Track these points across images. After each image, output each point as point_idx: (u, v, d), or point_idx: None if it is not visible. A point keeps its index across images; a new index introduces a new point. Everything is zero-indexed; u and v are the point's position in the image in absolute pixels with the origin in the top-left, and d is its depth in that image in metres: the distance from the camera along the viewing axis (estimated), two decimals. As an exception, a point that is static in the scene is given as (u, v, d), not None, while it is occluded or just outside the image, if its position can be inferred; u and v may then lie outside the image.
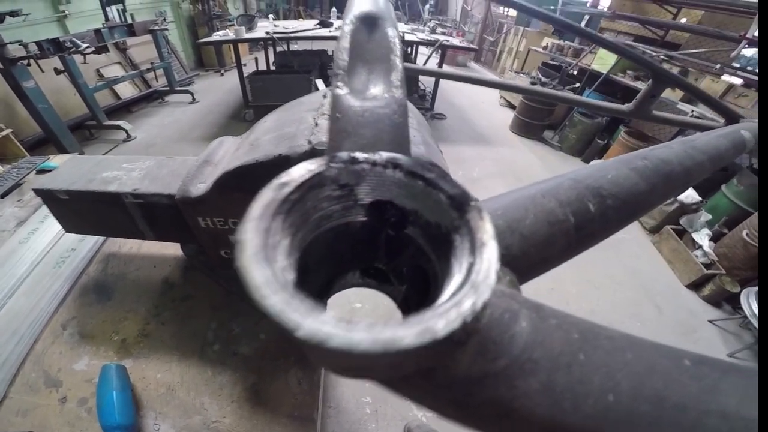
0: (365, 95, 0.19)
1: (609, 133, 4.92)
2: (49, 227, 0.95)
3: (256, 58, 5.65)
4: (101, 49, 4.29)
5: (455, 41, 4.95)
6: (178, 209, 0.57)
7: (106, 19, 5.27)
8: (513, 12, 11.12)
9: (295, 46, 5.43)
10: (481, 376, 0.11)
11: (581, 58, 5.54)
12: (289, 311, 0.10)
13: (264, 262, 0.11)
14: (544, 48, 6.56)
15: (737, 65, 6.21)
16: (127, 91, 5.42)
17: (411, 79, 5.22)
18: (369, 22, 0.27)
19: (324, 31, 4.90)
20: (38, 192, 0.64)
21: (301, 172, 0.13)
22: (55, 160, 2.93)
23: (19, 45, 3.43)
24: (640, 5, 5.76)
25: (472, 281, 0.10)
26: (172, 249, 0.82)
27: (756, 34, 3.75)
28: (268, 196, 0.13)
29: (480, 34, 10.32)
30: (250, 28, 4.95)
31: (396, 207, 0.14)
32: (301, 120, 0.47)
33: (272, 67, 5.73)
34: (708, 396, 0.13)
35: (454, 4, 13.11)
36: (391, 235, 0.15)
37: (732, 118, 0.72)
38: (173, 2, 7.16)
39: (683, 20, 5.24)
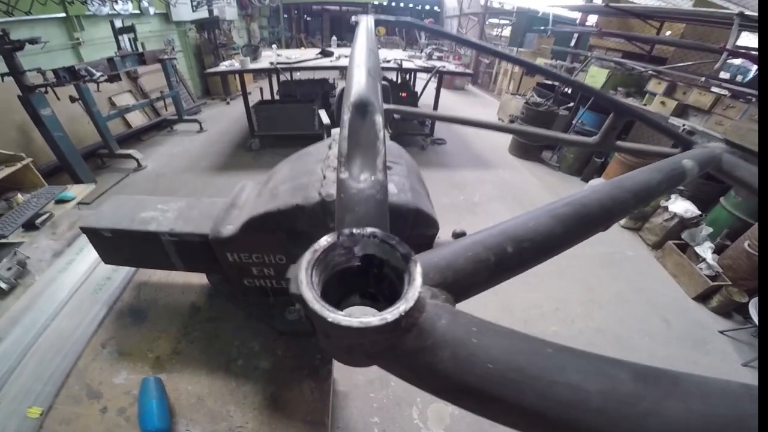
0: (359, 179, 0.30)
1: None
2: (84, 258, 1.06)
3: (261, 88, 5.84)
4: (114, 78, 4.44)
5: (451, 66, 5.14)
6: (207, 245, 0.68)
7: (119, 47, 5.40)
8: (506, 32, 11.46)
9: (297, 75, 5.65)
10: (419, 350, 0.21)
11: (573, 76, 5.66)
12: (322, 310, 0.20)
13: (310, 288, 0.21)
14: None
15: (726, 76, 6.26)
16: (137, 119, 5.58)
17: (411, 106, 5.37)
18: (362, 110, 0.38)
19: (325, 61, 5.08)
20: (85, 230, 0.75)
21: (323, 243, 0.23)
22: (73, 191, 3.05)
23: (37, 72, 3.55)
24: (626, 21, 5.87)
25: (405, 298, 0.20)
26: (197, 278, 0.92)
27: (736, 44, 3.87)
28: (308, 256, 0.23)
29: (476, 57, 10.55)
30: (254, 58, 5.16)
31: (376, 257, 0.25)
32: (312, 172, 0.58)
33: (276, 96, 5.93)
34: (558, 372, 0.22)
35: (449, 29, 13.53)
36: (376, 273, 0.26)
37: (685, 145, 0.82)
38: (180, 31, 7.38)
39: (668, 33, 5.35)
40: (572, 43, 7.30)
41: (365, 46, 0.56)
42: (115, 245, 0.75)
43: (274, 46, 6.83)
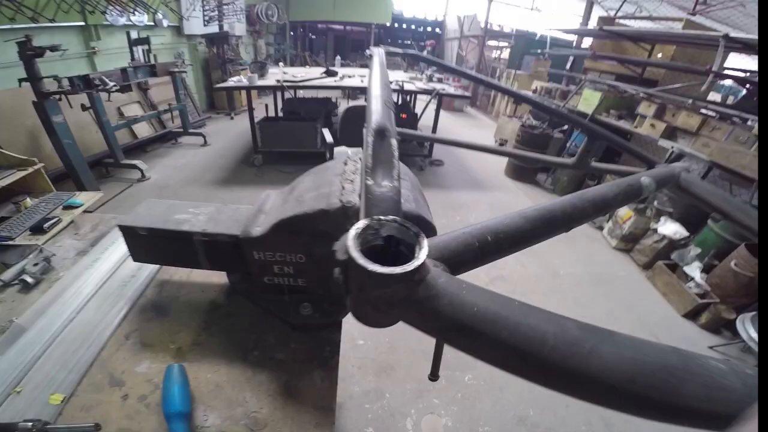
0: (381, 185, 0.40)
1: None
2: (109, 257, 1.15)
3: (266, 105, 5.98)
4: (125, 88, 4.50)
5: (450, 89, 5.33)
6: (235, 245, 0.77)
7: (132, 58, 5.50)
8: (505, 54, 11.78)
9: (301, 93, 5.81)
10: (426, 298, 0.30)
11: (568, 99, 5.77)
12: (366, 263, 0.29)
13: (357, 250, 0.31)
14: (534, 91, 6.82)
15: (717, 97, 6.37)
16: (143, 130, 5.65)
17: (411, 128, 5.51)
18: (381, 134, 0.48)
19: (330, 81, 5.23)
20: (122, 228, 0.84)
21: (360, 225, 0.33)
22: (80, 197, 3.10)
23: (53, 79, 3.62)
24: (619, 44, 6.00)
25: (417, 257, 0.30)
26: (216, 277, 1.01)
27: (725, 65, 4.02)
28: (352, 232, 0.32)
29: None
30: (261, 75, 5.29)
31: (395, 237, 0.34)
32: (332, 183, 0.69)
33: (280, 113, 5.99)
34: (523, 317, 0.31)
35: (449, 51, 13.87)
36: (393, 251, 0.35)
37: (650, 164, 0.93)
38: (191, 45, 7.52)
39: (659, 56, 5.45)
40: (568, 66, 7.47)
41: (380, 79, 0.67)
42: (148, 243, 0.83)
43: (280, 63, 7.01)
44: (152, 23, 6.06)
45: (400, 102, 6.12)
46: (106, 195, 4.35)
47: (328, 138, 3.77)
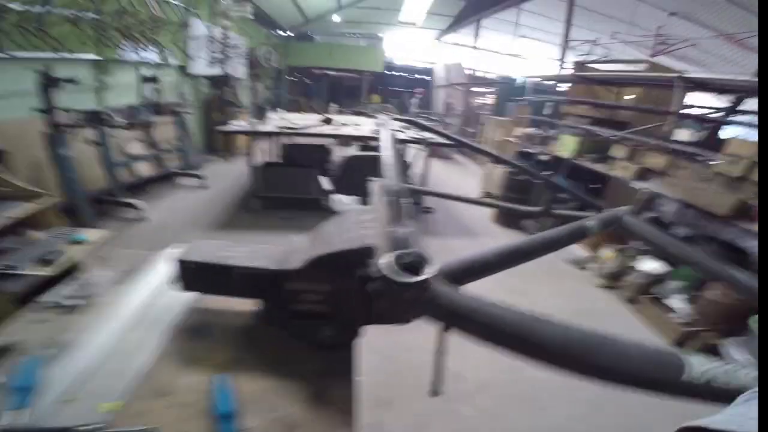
0: (399, 231, 0.60)
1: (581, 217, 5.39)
2: (145, 287, 1.30)
3: (261, 150, 6.15)
4: (131, 126, 4.63)
5: (439, 138, 5.66)
6: (271, 278, 0.96)
7: (141, 96, 5.55)
8: (490, 101, 12.42)
9: (296, 139, 6.08)
10: (433, 296, 0.49)
11: (548, 145, 6.10)
12: (400, 275, 0.49)
13: (393, 269, 0.51)
14: (516, 137, 7.12)
15: (684, 136, 6.71)
16: (143, 169, 5.66)
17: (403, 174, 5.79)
18: (397, 195, 0.69)
19: (328, 129, 5.47)
20: (181, 261, 1.02)
21: (394, 254, 0.53)
22: (85, 233, 3.21)
23: (65, 112, 3.71)
24: (591, 89, 6.28)
25: (424, 274, 0.49)
26: (247, 306, 1.17)
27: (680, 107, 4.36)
28: (389, 257, 0.52)
29: (461, 127, 11.11)
30: (261, 120, 5.50)
31: (412, 263, 0.54)
32: (351, 229, 0.91)
33: (277, 159, 6.20)
34: (501, 311, 0.50)
35: (438, 99, 14.69)
36: (412, 270, 0.55)
37: (596, 209, 1.17)
38: (194, 85, 7.76)
39: (631, 97, 5.78)
40: (547, 111, 7.69)
41: (390, 148, 0.91)
42: (197, 275, 1.02)
43: (278, 109, 7.39)
44: (161, 62, 6.24)
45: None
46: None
47: (327, 186, 4.12)
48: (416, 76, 17.96)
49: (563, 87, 7.46)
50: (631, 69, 6.23)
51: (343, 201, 3.64)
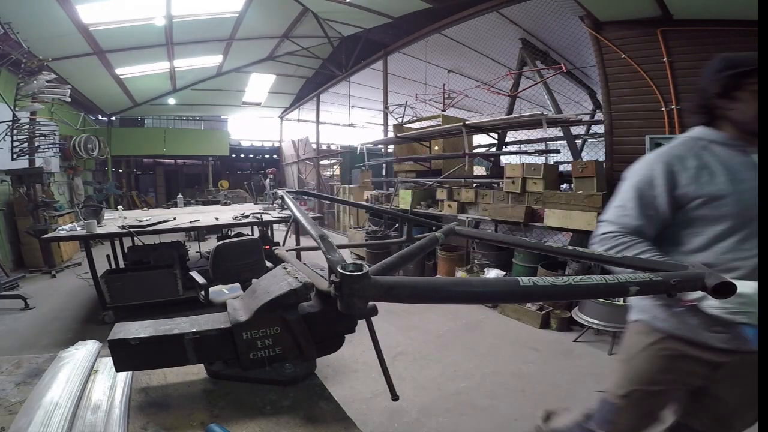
0: (335, 256, 0.95)
1: (432, 254, 6.27)
2: (66, 379, 1.13)
3: (107, 255, 5.40)
4: None
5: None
6: (222, 336, 1.11)
7: None
8: (338, 171, 13.46)
9: (146, 239, 5.49)
10: (375, 284, 0.85)
11: (391, 202, 6.95)
12: (345, 273, 0.84)
13: (346, 272, 0.85)
14: (366, 200, 7.86)
15: (480, 171, 8.45)
16: None
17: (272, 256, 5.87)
18: (324, 236, 1.03)
19: (184, 222, 5.19)
20: (112, 341, 1.04)
21: (340, 266, 0.87)
22: None
23: None
24: (411, 146, 7.43)
25: (366, 270, 0.86)
26: (194, 370, 1.23)
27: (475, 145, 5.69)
28: (339, 269, 0.85)
29: (318, 202, 11.02)
30: (97, 220, 4.80)
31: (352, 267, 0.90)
32: (284, 278, 1.18)
33: (124, 263, 5.51)
34: (432, 282, 0.89)
35: (290, 175, 15.14)
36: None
37: (437, 227, 1.76)
38: None
39: (436, 148, 6.85)
40: (384, 173, 8.86)
41: (300, 214, 1.26)
42: (137, 352, 1.06)
43: (120, 207, 6.57)
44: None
45: (258, 234, 6.29)
46: None
47: (201, 280, 4.01)
48: (266, 156, 17.84)
49: (390, 148, 8.46)
50: (433, 124, 6.98)
51: (224, 291, 3.58)
